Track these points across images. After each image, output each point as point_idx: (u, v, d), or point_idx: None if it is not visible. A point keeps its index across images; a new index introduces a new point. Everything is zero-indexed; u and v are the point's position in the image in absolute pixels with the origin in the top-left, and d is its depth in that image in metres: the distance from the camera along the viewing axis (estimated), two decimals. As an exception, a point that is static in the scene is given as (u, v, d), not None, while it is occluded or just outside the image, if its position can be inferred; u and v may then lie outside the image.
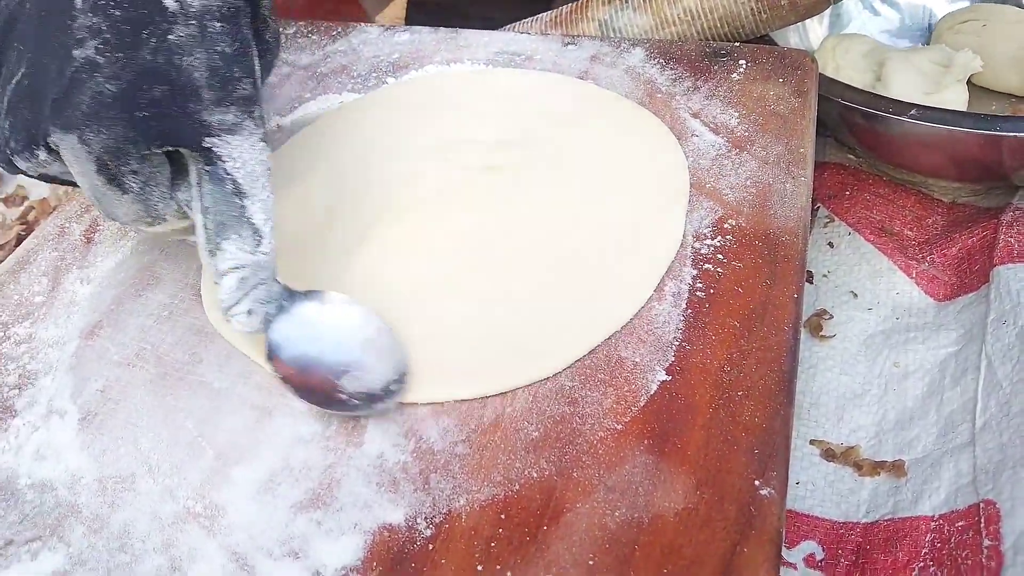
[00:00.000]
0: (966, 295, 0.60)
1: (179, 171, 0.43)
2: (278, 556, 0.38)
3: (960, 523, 0.47)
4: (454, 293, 0.49)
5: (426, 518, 0.39)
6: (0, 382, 0.47)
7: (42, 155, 0.42)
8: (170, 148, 0.41)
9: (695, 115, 0.58)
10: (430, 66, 0.66)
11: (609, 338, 0.45)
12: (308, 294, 0.46)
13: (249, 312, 0.43)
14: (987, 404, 0.52)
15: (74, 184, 0.44)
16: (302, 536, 0.39)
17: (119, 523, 0.40)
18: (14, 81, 0.42)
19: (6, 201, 0.77)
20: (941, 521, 0.48)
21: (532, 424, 0.42)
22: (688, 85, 0.60)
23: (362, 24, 0.72)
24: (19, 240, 0.72)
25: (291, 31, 0.72)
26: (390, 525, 0.39)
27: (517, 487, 0.39)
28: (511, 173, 0.55)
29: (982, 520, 0.46)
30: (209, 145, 0.41)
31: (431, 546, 0.38)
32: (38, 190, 0.78)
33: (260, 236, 0.43)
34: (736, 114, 0.57)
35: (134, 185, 0.42)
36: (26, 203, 0.77)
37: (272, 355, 0.44)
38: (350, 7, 1.00)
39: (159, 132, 0.41)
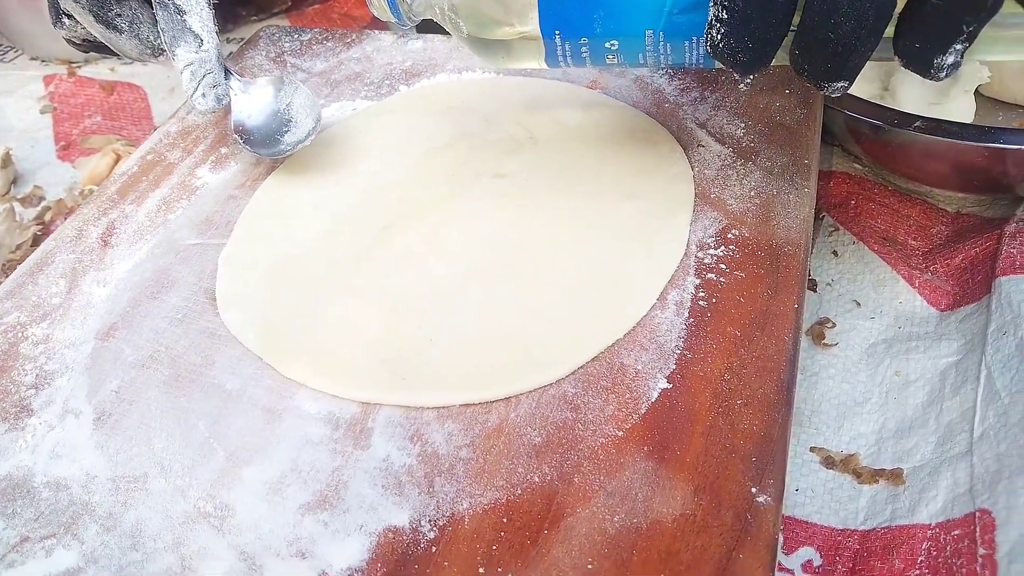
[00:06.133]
0: (968, 305, 0.60)
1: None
2: (286, 556, 0.39)
3: (956, 531, 0.48)
4: (460, 298, 0.50)
5: (430, 521, 0.40)
6: (18, 381, 0.48)
7: (67, 21, 0.59)
8: None
9: (701, 125, 0.59)
10: (442, 74, 0.67)
11: (612, 345, 0.46)
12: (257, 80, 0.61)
13: (203, 95, 0.56)
14: (985, 414, 0.52)
15: (104, 50, 0.60)
16: (309, 537, 0.40)
17: (131, 522, 0.41)
18: None
19: (23, 201, 0.78)
20: (937, 529, 0.49)
21: (535, 429, 0.43)
22: (695, 95, 0.61)
23: (376, 31, 0.74)
24: (35, 240, 0.73)
25: (306, 38, 0.73)
26: (395, 527, 0.40)
27: (519, 491, 0.40)
28: (519, 180, 0.56)
29: (978, 529, 0.47)
30: None
31: (434, 548, 0.39)
32: (54, 191, 0.79)
33: (200, 40, 0.56)
34: (742, 125, 0.58)
35: (123, 25, 0.57)
36: (42, 204, 0.78)
37: (235, 122, 0.59)
38: (361, 9, 1.01)
39: None
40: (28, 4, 0.89)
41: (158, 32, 0.57)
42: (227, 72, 0.59)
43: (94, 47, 0.62)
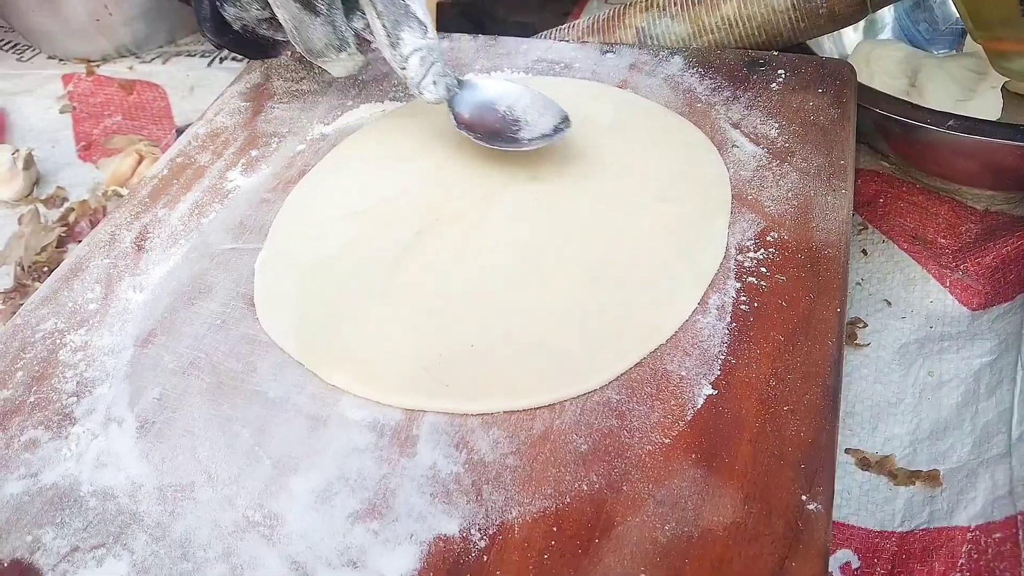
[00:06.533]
0: (1000, 305, 0.60)
1: (351, 10, 0.56)
2: (337, 565, 0.39)
3: (997, 535, 0.48)
4: (498, 303, 0.49)
5: (480, 529, 0.40)
6: (59, 389, 0.48)
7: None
8: None
9: (735, 125, 0.58)
10: (470, 74, 0.66)
11: (655, 351, 0.46)
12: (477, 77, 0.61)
13: (434, 82, 0.55)
14: (1023, 416, 0.52)
15: (262, 48, 0.62)
16: (359, 546, 0.40)
17: (180, 531, 0.41)
18: None
19: (47, 202, 0.78)
20: (977, 532, 0.49)
21: (581, 437, 0.43)
22: (727, 95, 0.61)
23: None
24: (60, 241, 0.73)
25: (331, 37, 0.72)
26: (445, 536, 0.40)
27: (568, 500, 0.40)
28: (553, 183, 0.56)
29: (1020, 532, 0.47)
30: None
31: (486, 557, 0.39)
32: (77, 191, 0.79)
33: (425, 26, 0.54)
34: (776, 124, 0.58)
35: (322, 7, 0.55)
36: (66, 205, 0.78)
37: (457, 116, 0.57)
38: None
39: None
40: (45, 2, 0.89)
41: (348, 24, 0.56)
42: None
43: (238, 42, 0.62)
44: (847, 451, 0.55)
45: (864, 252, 0.66)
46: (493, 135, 0.57)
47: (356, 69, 0.60)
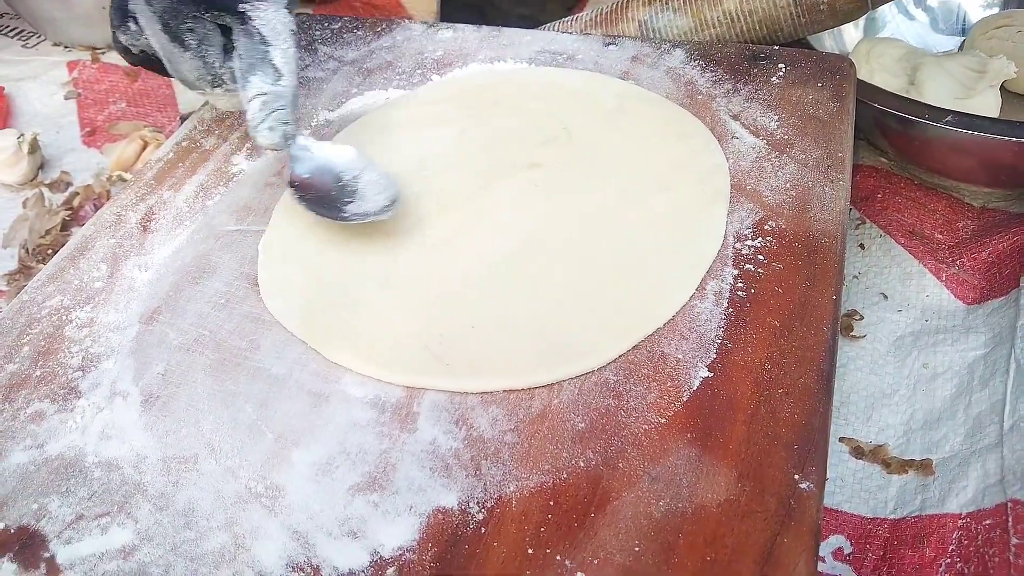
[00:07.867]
0: (995, 299, 0.61)
1: (232, 49, 0.55)
2: (337, 536, 0.40)
3: (987, 521, 0.49)
4: (500, 286, 0.50)
5: (478, 503, 0.40)
6: (65, 364, 0.49)
7: (132, 26, 0.56)
8: (215, 11, 0.53)
9: (735, 117, 0.59)
10: (473, 64, 0.67)
11: (652, 334, 0.47)
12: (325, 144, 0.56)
13: (270, 128, 0.53)
14: (1015, 407, 0.53)
15: (156, 67, 0.58)
16: (360, 517, 0.40)
17: (184, 501, 0.42)
18: None
19: (51, 187, 0.79)
20: (968, 519, 0.50)
21: (578, 416, 0.43)
22: (728, 87, 0.62)
23: (405, 20, 0.74)
24: (64, 225, 0.74)
25: (336, 26, 0.73)
26: (444, 508, 0.40)
27: (565, 475, 0.41)
28: (555, 170, 0.57)
29: (1010, 519, 0.47)
30: (243, 9, 0.53)
31: (483, 529, 0.39)
32: (81, 176, 0.80)
33: (280, 74, 0.53)
34: (776, 117, 0.59)
35: (192, 42, 0.54)
36: (70, 189, 0.78)
37: (292, 174, 0.54)
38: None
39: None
40: (52, -10, 0.90)
41: (223, 61, 0.55)
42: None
43: (146, 61, 0.59)
44: (841, 440, 0.56)
45: (862, 246, 0.67)
46: (322, 201, 0.54)
47: (238, 106, 0.56)
